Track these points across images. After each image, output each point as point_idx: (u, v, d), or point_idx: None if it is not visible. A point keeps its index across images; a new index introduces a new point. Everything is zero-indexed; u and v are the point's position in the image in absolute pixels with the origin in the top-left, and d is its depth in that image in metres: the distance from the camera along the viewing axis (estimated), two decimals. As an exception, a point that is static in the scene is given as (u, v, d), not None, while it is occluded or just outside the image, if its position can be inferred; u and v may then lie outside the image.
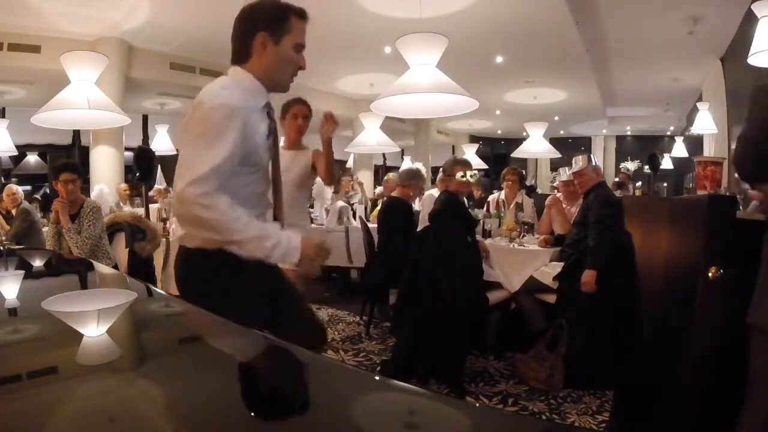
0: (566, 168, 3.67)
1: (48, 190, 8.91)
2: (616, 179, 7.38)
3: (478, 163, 8.74)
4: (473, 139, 14.61)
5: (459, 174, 3.07)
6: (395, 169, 9.77)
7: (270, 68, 1.51)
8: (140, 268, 3.49)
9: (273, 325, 1.58)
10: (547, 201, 3.91)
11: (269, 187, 1.64)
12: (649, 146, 14.01)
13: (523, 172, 4.99)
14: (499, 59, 7.74)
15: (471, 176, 3.09)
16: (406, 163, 9.13)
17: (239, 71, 1.52)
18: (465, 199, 3.30)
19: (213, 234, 1.35)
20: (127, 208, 6.33)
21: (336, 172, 2.81)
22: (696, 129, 7.26)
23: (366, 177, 10.46)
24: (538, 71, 8.52)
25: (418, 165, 4.33)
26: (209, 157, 1.33)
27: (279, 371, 0.87)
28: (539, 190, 10.40)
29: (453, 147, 14.63)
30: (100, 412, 0.64)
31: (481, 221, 3.95)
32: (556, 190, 4.29)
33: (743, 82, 5.82)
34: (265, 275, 1.59)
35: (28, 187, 8.93)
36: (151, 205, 5.73)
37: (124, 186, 6.99)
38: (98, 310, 0.89)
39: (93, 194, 5.65)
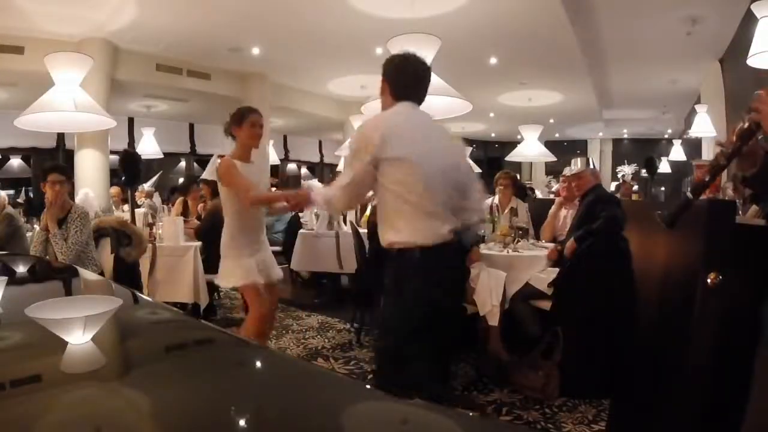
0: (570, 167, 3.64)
1: (32, 194, 8.77)
2: (613, 185, 7.31)
3: (472, 166, 8.65)
4: (466, 142, 14.50)
5: None
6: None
7: None
8: (126, 274, 3.44)
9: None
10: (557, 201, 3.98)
11: None
12: (646, 149, 13.98)
13: (517, 176, 4.92)
14: (493, 60, 7.64)
15: None
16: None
17: None
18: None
19: None
20: (118, 212, 6.27)
21: (326, 174, 2.81)
22: (694, 132, 7.22)
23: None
24: (533, 73, 8.43)
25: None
26: None
27: (268, 380, 0.87)
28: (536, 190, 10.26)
29: (447, 150, 14.50)
30: (84, 422, 0.65)
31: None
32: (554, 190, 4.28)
33: (742, 84, 5.76)
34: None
35: (11, 191, 8.78)
36: (137, 210, 5.62)
37: (115, 190, 6.95)
38: (83, 317, 0.86)
39: (78, 198, 5.53)
